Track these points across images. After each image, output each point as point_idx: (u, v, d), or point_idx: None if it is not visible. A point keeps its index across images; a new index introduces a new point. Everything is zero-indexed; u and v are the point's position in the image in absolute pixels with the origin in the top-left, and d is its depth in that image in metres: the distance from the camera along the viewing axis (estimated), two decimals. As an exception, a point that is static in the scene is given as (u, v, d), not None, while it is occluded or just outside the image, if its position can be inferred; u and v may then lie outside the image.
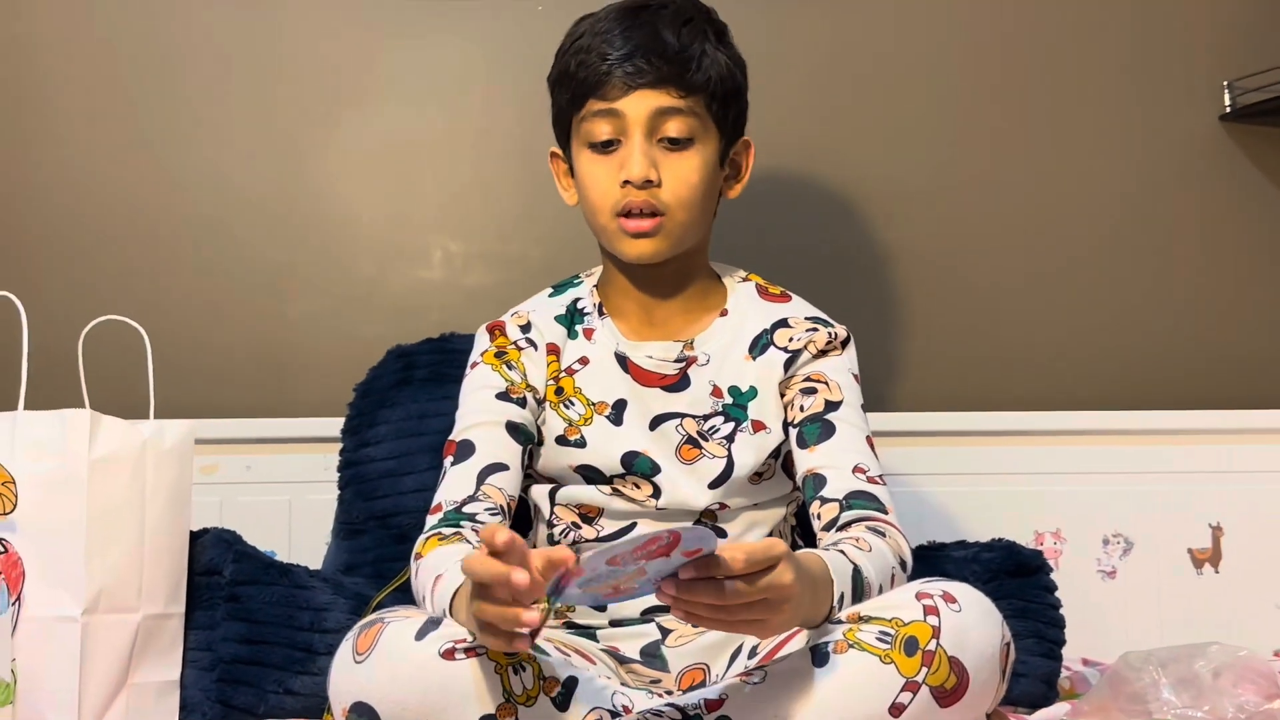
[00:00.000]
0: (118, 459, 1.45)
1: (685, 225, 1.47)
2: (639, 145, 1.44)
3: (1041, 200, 2.17)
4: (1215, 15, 2.19)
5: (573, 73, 1.48)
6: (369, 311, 2.11)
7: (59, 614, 1.40)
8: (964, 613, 1.17)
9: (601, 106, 1.45)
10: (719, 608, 1.06)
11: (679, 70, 1.44)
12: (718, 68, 1.47)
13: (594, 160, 1.48)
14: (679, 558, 1.03)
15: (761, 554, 1.06)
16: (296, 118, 2.12)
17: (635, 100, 1.44)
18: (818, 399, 1.49)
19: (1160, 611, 2.06)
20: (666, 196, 1.45)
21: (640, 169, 1.43)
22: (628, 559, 1.01)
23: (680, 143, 1.46)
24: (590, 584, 1.05)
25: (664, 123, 1.45)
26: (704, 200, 1.49)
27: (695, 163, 1.46)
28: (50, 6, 2.09)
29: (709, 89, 1.46)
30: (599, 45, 1.45)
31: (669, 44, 1.44)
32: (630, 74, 1.43)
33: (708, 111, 1.47)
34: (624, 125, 1.45)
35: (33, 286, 1.82)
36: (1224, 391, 2.15)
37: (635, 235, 1.46)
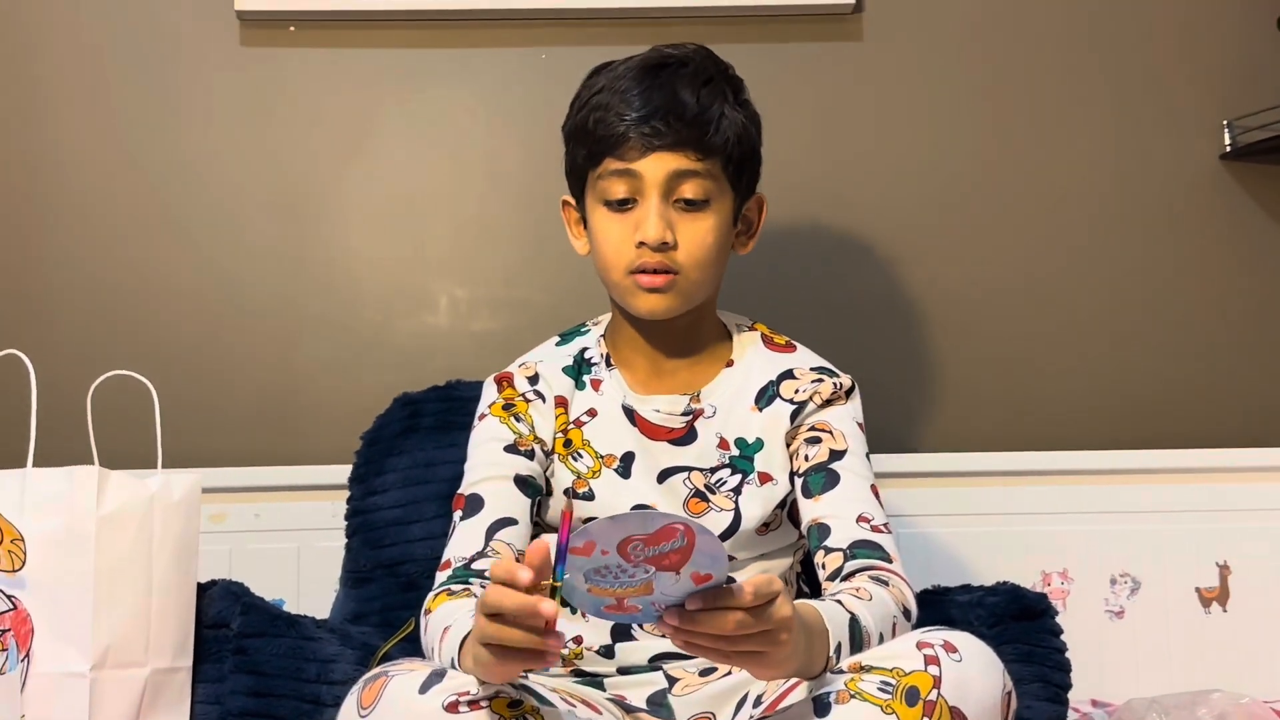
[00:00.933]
0: (125, 514, 1.46)
1: (698, 284, 1.48)
2: (655, 207, 1.44)
3: (1046, 242, 2.18)
4: (1215, 56, 2.20)
5: (590, 129, 1.47)
6: (376, 359, 2.13)
7: (67, 670, 1.41)
8: (965, 663, 1.18)
9: (619, 166, 1.45)
10: (721, 638, 1.08)
11: (698, 133, 1.44)
12: (735, 128, 1.47)
13: (609, 218, 1.48)
14: (688, 580, 1.04)
15: (765, 587, 1.08)
16: (304, 169, 2.15)
17: (653, 162, 1.44)
18: (822, 448, 1.49)
19: (1169, 651, 2.07)
20: (681, 257, 1.46)
21: (656, 231, 1.44)
22: (639, 551, 1.02)
23: (696, 204, 1.46)
24: (596, 579, 1.05)
25: (681, 184, 1.45)
26: (717, 260, 1.49)
27: (710, 223, 1.46)
28: (64, 74, 2.12)
29: (726, 151, 1.46)
30: (617, 104, 1.45)
31: (688, 106, 1.44)
32: (648, 135, 1.43)
33: (724, 173, 1.47)
34: (641, 186, 1.45)
35: (41, 342, 1.85)
36: (1229, 430, 2.15)
37: (649, 290, 1.46)
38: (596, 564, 1.03)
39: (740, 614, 1.07)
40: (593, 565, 1.03)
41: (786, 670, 1.16)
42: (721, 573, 1.05)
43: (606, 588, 1.05)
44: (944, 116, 2.18)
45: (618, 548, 1.02)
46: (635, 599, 1.06)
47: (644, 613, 1.07)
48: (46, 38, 2.12)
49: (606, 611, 1.08)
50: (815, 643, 1.19)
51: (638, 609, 1.07)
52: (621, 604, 1.06)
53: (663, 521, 1.01)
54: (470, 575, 1.42)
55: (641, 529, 1.01)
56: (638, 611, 1.07)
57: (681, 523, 1.01)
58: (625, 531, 1.01)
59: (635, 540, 1.01)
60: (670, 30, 2.10)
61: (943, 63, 2.19)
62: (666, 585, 1.05)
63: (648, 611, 1.07)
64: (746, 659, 1.11)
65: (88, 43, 2.12)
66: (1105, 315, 2.18)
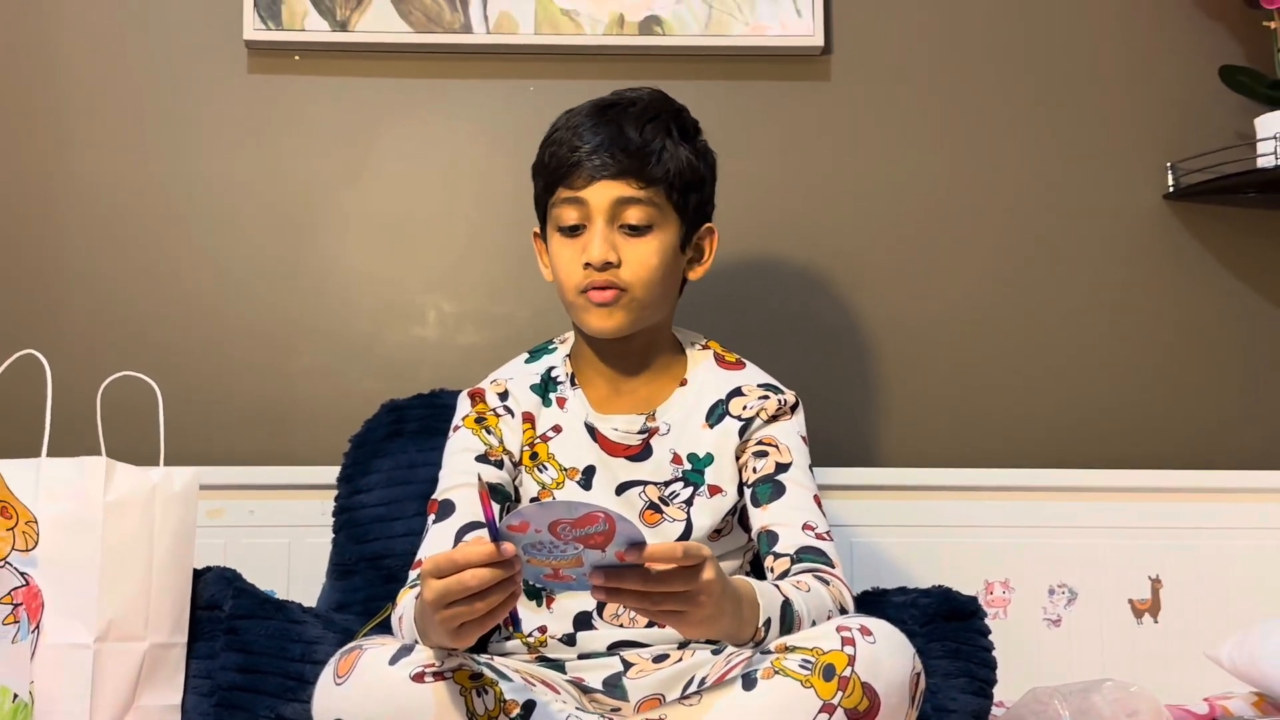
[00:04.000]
0: (129, 502, 1.52)
1: (644, 303, 1.56)
2: (600, 231, 1.53)
3: (997, 274, 2.22)
4: (1159, 102, 2.24)
5: (547, 163, 1.58)
6: (366, 367, 2.15)
7: (73, 642, 1.47)
8: (878, 644, 1.28)
9: (569, 194, 1.55)
10: (644, 595, 1.18)
11: (639, 164, 1.53)
12: (677, 161, 1.55)
13: (563, 243, 1.57)
14: (613, 558, 1.16)
15: (695, 551, 1.19)
16: (304, 188, 2.18)
17: (598, 190, 1.53)
18: (769, 461, 1.58)
19: (1102, 658, 2.10)
20: (626, 275, 1.54)
21: (600, 252, 1.53)
22: (567, 532, 1.13)
23: (639, 229, 1.54)
24: (533, 551, 1.16)
25: (624, 210, 1.54)
26: (664, 281, 1.57)
27: (654, 246, 1.55)
28: (84, 96, 2.17)
29: (668, 180, 1.54)
30: (570, 139, 1.55)
31: (631, 140, 1.53)
32: (595, 166, 1.53)
33: (667, 200, 1.55)
34: (588, 212, 1.54)
35: (56, 344, 1.88)
36: (1164, 453, 2.19)
37: (599, 305, 1.54)
38: (531, 540, 1.15)
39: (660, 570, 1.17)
40: (528, 541, 1.16)
41: (712, 631, 1.25)
42: (641, 540, 1.17)
43: (543, 559, 1.17)
44: (904, 154, 2.22)
45: (549, 528, 1.14)
46: (569, 570, 1.18)
47: (578, 581, 1.19)
48: (69, 61, 2.17)
49: (546, 580, 1.20)
50: (745, 612, 1.29)
51: (572, 578, 1.19)
52: (558, 573, 1.19)
53: (585, 510, 1.13)
54: None
55: (568, 514, 1.14)
56: (572, 580, 1.20)
57: (602, 511, 1.13)
58: (553, 515, 1.14)
59: (563, 523, 1.13)
60: (646, 66, 2.18)
61: (904, 104, 2.23)
62: (594, 560, 1.17)
63: (581, 580, 1.19)
64: (670, 616, 1.22)
65: (107, 67, 2.17)
66: (1050, 344, 2.22)
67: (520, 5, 2.18)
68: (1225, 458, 2.20)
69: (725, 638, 1.30)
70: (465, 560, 1.17)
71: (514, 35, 2.18)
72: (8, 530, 1.46)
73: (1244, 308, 2.24)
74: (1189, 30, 2.27)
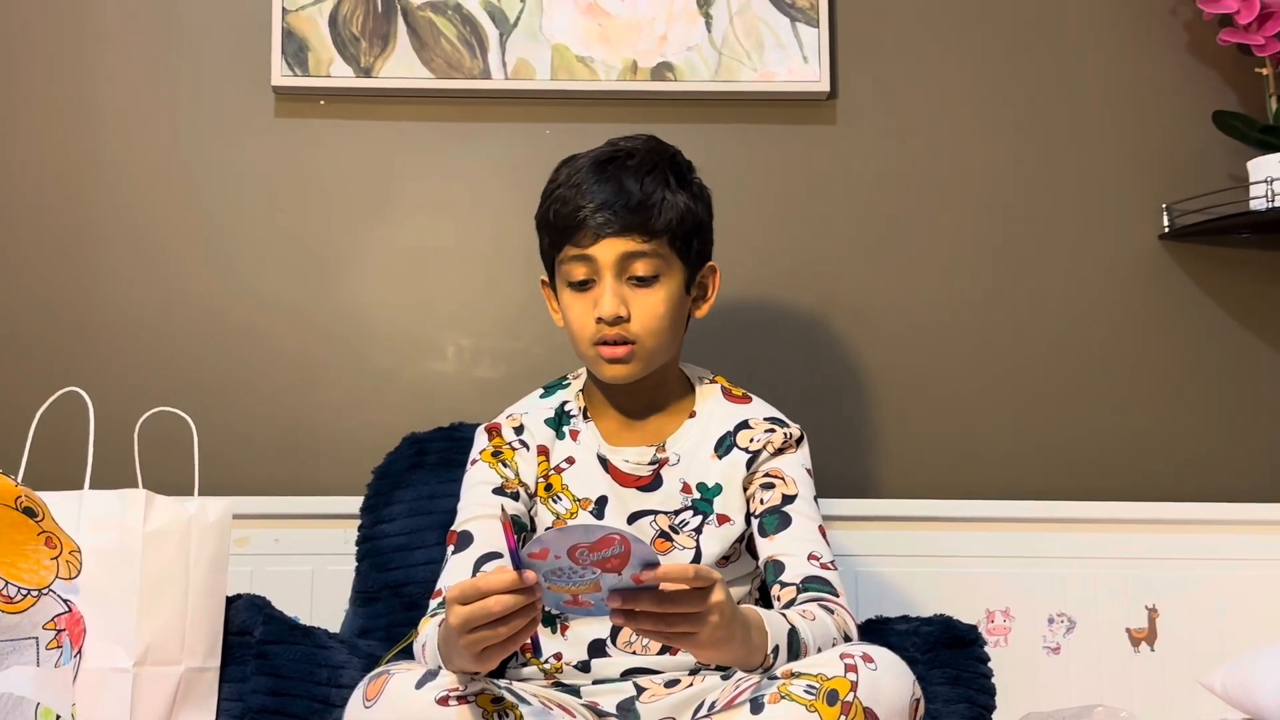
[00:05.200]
0: (167, 533, 1.58)
1: (654, 350, 1.61)
2: (610, 285, 1.58)
3: (998, 313, 2.26)
4: (1154, 145, 2.29)
5: (552, 220, 1.62)
6: (387, 401, 2.20)
7: (114, 665, 1.52)
8: (880, 671, 1.33)
9: (576, 252, 1.60)
10: (658, 616, 1.24)
11: (642, 219, 1.57)
12: (676, 210, 1.60)
13: (574, 298, 1.62)
14: (629, 580, 1.22)
15: (705, 573, 1.25)
16: (328, 227, 2.23)
17: (604, 247, 1.58)
18: (775, 493, 1.63)
19: (1100, 686, 2.13)
20: (636, 328, 1.59)
21: (610, 308, 1.58)
22: (585, 556, 1.19)
23: (646, 280, 1.60)
24: (553, 578, 1.22)
25: (631, 264, 1.59)
26: (672, 327, 1.62)
27: (661, 295, 1.60)
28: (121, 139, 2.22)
29: (670, 230, 1.59)
30: (574, 197, 1.59)
31: (632, 194, 1.57)
32: (600, 224, 1.57)
33: (671, 249, 1.61)
34: (596, 268, 1.59)
35: (96, 381, 1.90)
36: (1161, 486, 2.22)
37: (611, 360, 1.60)
38: (552, 567, 1.22)
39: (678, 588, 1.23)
40: (549, 568, 1.22)
41: (721, 654, 1.31)
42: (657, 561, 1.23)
43: (563, 585, 1.24)
44: (905, 195, 2.27)
45: (568, 553, 1.20)
46: (587, 595, 1.25)
47: (596, 606, 1.26)
48: (108, 108, 2.23)
49: (565, 606, 1.27)
50: (754, 638, 1.35)
51: (590, 604, 1.26)
52: (577, 599, 1.25)
53: (602, 532, 1.20)
54: None
55: (585, 538, 1.20)
56: (591, 606, 1.26)
57: (617, 533, 1.20)
58: (572, 540, 1.20)
59: (581, 547, 1.20)
60: (658, 110, 2.24)
61: (906, 147, 2.27)
62: (611, 584, 1.23)
63: (599, 605, 1.26)
64: (681, 639, 1.28)
65: (145, 113, 2.23)
66: (1048, 379, 2.26)
67: (537, 52, 2.24)
68: (1221, 491, 2.23)
69: (735, 663, 1.36)
70: (489, 587, 1.23)
71: (531, 81, 2.24)
72: (52, 559, 1.51)
73: (1237, 344, 2.28)
74: (1183, 76, 2.32)
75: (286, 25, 2.22)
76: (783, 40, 2.26)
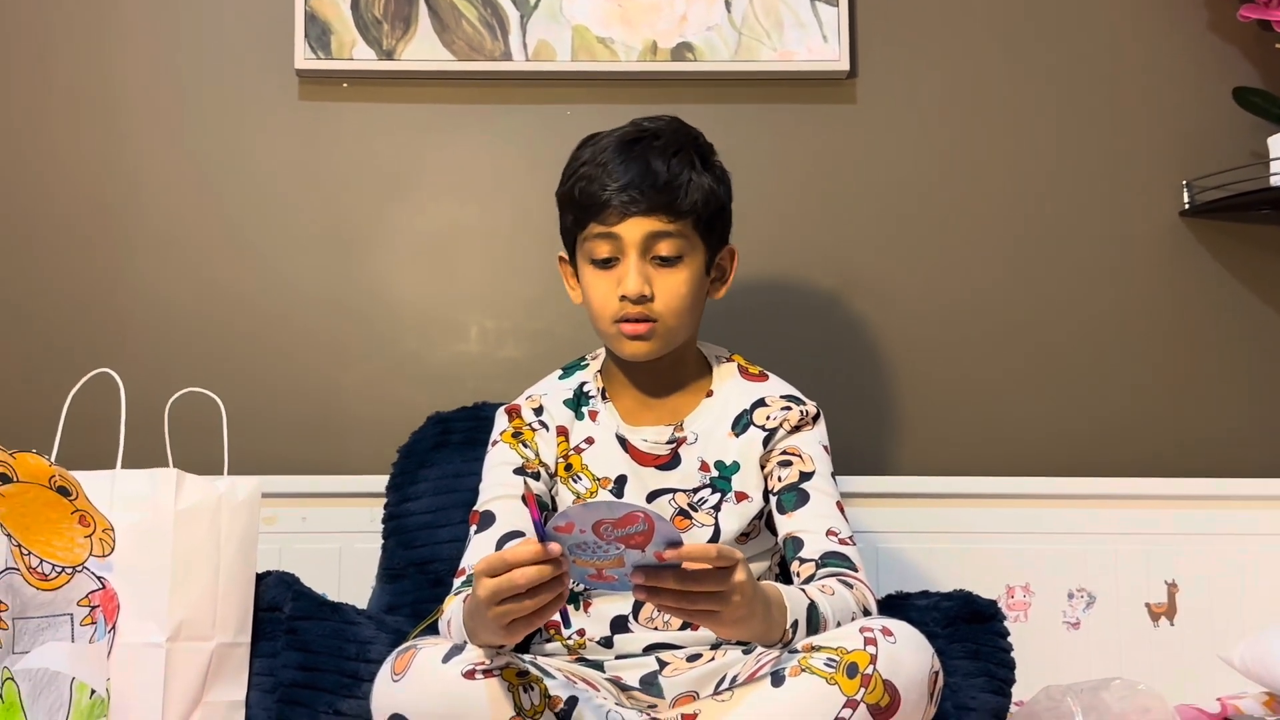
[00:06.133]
0: (198, 511, 1.60)
1: (675, 330, 1.63)
2: (634, 264, 1.60)
3: (1018, 287, 2.27)
4: (1175, 122, 2.30)
5: (577, 198, 1.63)
6: (412, 381, 2.22)
7: (147, 641, 1.55)
8: (898, 644, 1.35)
9: (601, 230, 1.61)
10: (680, 594, 1.26)
11: (668, 199, 1.58)
12: (702, 192, 1.61)
13: (596, 275, 1.63)
14: (652, 558, 1.24)
15: (728, 553, 1.27)
16: (352, 209, 2.25)
17: (630, 226, 1.59)
18: (793, 470, 1.65)
19: (1120, 660, 2.14)
20: (659, 307, 1.61)
21: (635, 286, 1.59)
22: (609, 532, 1.21)
23: (670, 260, 1.61)
24: (578, 552, 1.24)
25: (656, 244, 1.60)
26: (693, 307, 1.64)
27: (684, 276, 1.62)
28: (147, 125, 2.25)
29: (695, 212, 1.61)
30: (599, 175, 1.60)
31: (659, 175, 1.58)
32: (626, 203, 1.58)
33: (694, 231, 1.62)
34: (621, 246, 1.60)
35: (127, 363, 1.93)
36: (1181, 461, 2.24)
37: (632, 338, 1.61)
38: (576, 540, 1.24)
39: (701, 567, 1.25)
40: (574, 542, 1.24)
41: (743, 631, 1.33)
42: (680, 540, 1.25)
43: (587, 559, 1.25)
44: (925, 173, 2.28)
45: (592, 528, 1.22)
46: (612, 570, 1.26)
47: (620, 581, 1.28)
48: (134, 95, 2.26)
49: (590, 580, 1.28)
50: (774, 614, 1.36)
51: (614, 579, 1.28)
52: (601, 573, 1.27)
53: (626, 509, 1.21)
54: None
55: (609, 514, 1.21)
56: (615, 580, 1.28)
57: (641, 511, 1.21)
58: (596, 515, 1.21)
59: (605, 523, 1.21)
60: (678, 90, 2.25)
61: (926, 125, 2.29)
62: (635, 560, 1.25)
63: (623, 581, 1.27)
64: (703, 616, 1.29)
65: (170, 99, 2.26)
66: (1069, 356, 2.27)
67: (558, 34, 2.26)
68: (1239, 466, 2.25)
69: (755, 638, 1.38)
70: (515, 559, 1.25)
71: (552, 63, 2.26)
72: (86, 537, 1.54)
73: (1256, 320, 2.29)
74: (1204, 53, 2.32)
75: (309, 9, 2.24)
76: (802, 19, 2.26)
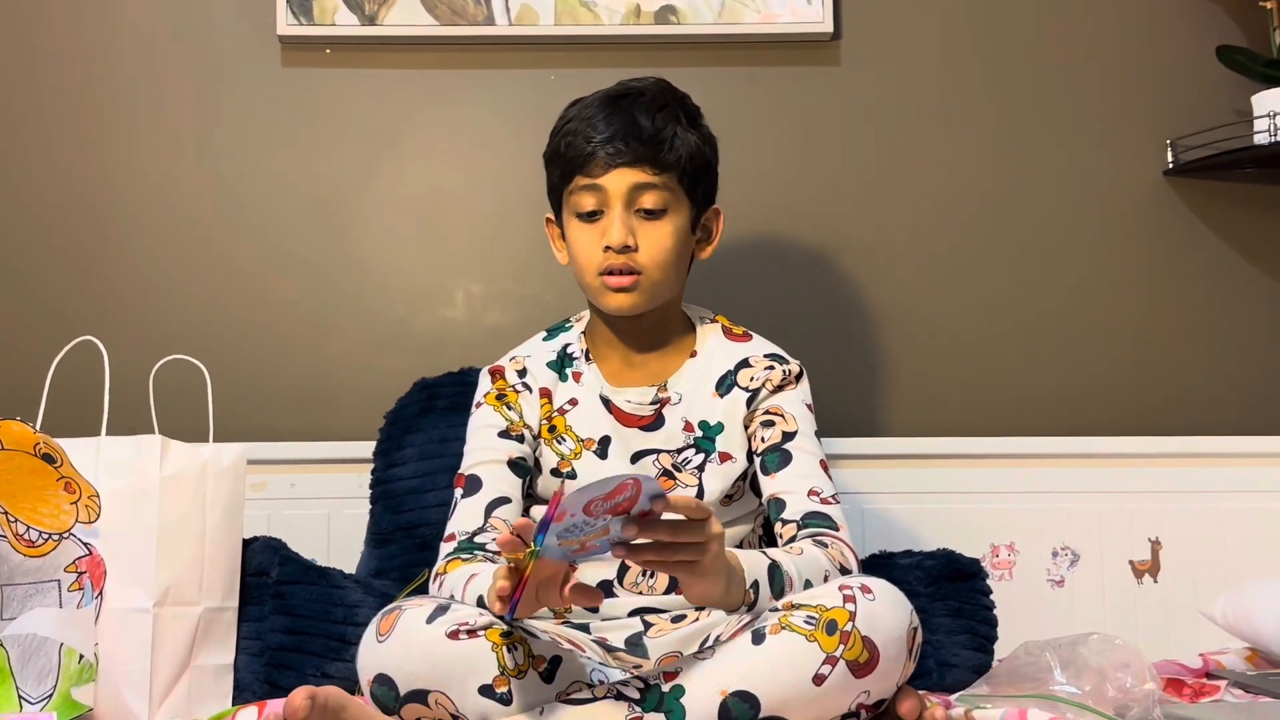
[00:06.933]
0: (183, 477, 1.60)
1: (659, 283, 1.64)
2: (619, 215, 1.61)
3: (1002, 248, 2.28)
4: (1158, 80, 2.30)
5: (562, 153, 1.65)
6: (399, 347, 2.22)
7: (134, 606, 1.55)
8: (877, 601, 1.37)
9: (586, 182, 1.62)
10: (663, 546, 1.29)
11: (653, 151, 1.60)
12: (688, 147, 1.63)
13: (581, 228, 1.65)
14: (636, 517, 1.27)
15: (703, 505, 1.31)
16: (337, 176, 2.25)
17: (615, 177, 1.61)
18: (776, 430, 1.66)
19: (1104, 617, 2.15)
20: (642, 259, 1.62)
21: (619, 236, 1.61)
22: (599, 507, 1.23)
23: (654, 213, 1.63)
24: (566, 534, 1.26)
25: (640, 196, 1.62)
26: (677, 261, 1.65)
27: (668, 229, 1.63)
28: (130, 92, 2.24)
29: (680, 166, 1.62)
30: (585, 129, 1.62)
31: (644, 128, 1.61)
32: (611, 155, 1.60)
33: (679, 185, 1.63)
34: (606, 198, 1.62)
35: (111, 330, 1.94)
36: (1163, 420, 2.25)
37: (616, 290, 1.63)
38: (567, 525, 1.25)
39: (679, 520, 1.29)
40: (564, 527, 1.25)
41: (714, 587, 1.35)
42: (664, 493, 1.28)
43: (573, 539, 1.27)
44: (910, 135, 2.29)
45: (583, 509, 1.24)
46: (595, 540, 1.28)
47: (600, 547, 1.30)
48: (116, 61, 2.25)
49: (574, 555, 1.30)
50: (734, 579, 1.39)
51: (597, 546, 1.30)
52: (584, 545, 1.29)
53: (615, 483, 1.23)
54: (474, 547, 1.59)
55: (600, 492, 1.23)
56: (597, 549, 1.30)
57: (630, 479, 1.23)
58: (587, 497, 1.23)
59: (596, 500, 1.23)
60: (661, 54, 2.24)
61: (910, 87, 2.29)
62: (618, 526, 1.27)
63: (604, 545, 1.29)
64: (682, 567, 1.32)
65: (152, 66, 2.25)
66: (1053, 316, 2.28)
67: (541, -3, 2.25)
68: (1224, 424, 2.26)
69: (720, 601, 1.40)
70: None
71: (535, 27, 2.25)
72: (71, 504, 1.55)
73: (1239, 279, 2.30)
74: (1187, 11, 2.32)
75: (291, -25, 2.23)
76: (786, -19, 2.26)
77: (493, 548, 1.58)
